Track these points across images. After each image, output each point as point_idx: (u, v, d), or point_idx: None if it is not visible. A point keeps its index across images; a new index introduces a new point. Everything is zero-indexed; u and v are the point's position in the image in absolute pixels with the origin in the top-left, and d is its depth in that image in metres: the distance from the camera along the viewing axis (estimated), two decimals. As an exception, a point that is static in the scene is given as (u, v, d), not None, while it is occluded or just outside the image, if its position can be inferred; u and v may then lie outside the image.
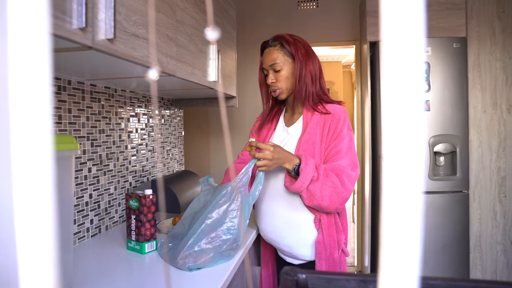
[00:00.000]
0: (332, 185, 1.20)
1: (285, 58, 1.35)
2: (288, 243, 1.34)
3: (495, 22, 2.35)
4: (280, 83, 1.36)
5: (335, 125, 1.29)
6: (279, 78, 1.36)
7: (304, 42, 1.37)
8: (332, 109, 1.33)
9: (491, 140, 2.39)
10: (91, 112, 1.49)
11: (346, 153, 1.26)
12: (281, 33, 1.39)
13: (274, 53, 1.36)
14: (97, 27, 0.85)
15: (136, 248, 1.30)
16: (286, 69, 1.35)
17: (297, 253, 1.34)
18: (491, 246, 2.40)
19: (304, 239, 1.32)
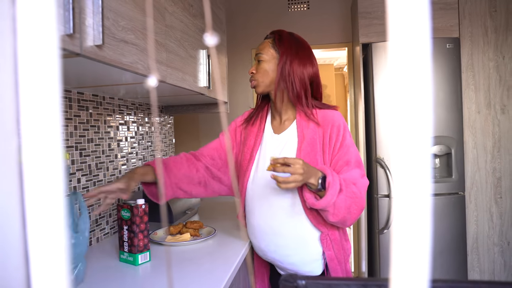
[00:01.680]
0: (353, 195, 1.15)
1: (271, 51, 1.29)
2: (293, 261, 1.28)
3: (488, 22, 2.35)
4: (258, 75, 1.31)
5: (336, 133, 1.24)
6: (259, 70, 1.31)
7: (301, 44, 1.31)
8: (329, 116, 1.27)
9: (486, 141, 2.38)
10: (79, 121, 1.45)
11: (355, 163, 1.22)
12: (282, 29, 1.35)
13: (264, 44, 1.32)
14: (85, 33, 0.83)
15: (129, 260, 1.28)
16: (268, 63, 1.29)
17: (303, 270, 1.28)
18: (488, 247, 2.39)
19: (311, 255, 1.27)
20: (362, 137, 2.51)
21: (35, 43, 0.22)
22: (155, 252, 1.38)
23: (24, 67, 0.22)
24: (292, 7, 3.01)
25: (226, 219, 1.87)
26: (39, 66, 0.22)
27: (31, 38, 0.22)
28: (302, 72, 1.26)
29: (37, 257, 0.22)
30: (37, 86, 0.22)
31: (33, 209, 0.22)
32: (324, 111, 1.28)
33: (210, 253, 1.37)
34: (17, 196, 0.27)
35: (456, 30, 2.35)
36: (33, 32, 0.22)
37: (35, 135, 0.22)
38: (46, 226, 0.22)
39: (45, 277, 0.22)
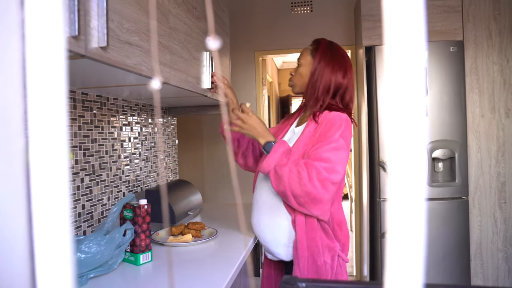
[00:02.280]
0: (298, 175, 1.20)
1: (309, 58, 1.42)
2: (268, 239, 1.38)
3: (492, 25, 2.34)
4: (295, 77, 1.47)
5: (326, 128, 1.28)
6: (296, 73, 1.46)
7: (338, 53, 1.39)
8: (331, 116, 1.31)
9: (490, 145, 2.37)
10: (83, 121, 1.46)
11: (326, 155, 1.23)
12: (325, 38, 1.45)
13: (304, 51, 1.45)
14: (89, 35, 0.83)
15: (131, 260, 1.29)
16: (304, 67, 1.42)
17: (273, 250, 1.38)
18: (492, 253, 2.37)
19: (279, 237, 1.34)
20: (365, 140, 2.50)
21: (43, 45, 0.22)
22: (156, 252, 1.39)
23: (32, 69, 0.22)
24: (295, 10, 3.01)
25: (228, 220, 1.87)
26: (46, 68, 0.22)
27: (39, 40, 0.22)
28: (330, 79, 1.36)
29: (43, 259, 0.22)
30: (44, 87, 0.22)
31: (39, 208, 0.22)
32: (332, 113, 1.32)
33: (211, 254, 1.37)
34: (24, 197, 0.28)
35: (460, 33, 2.34)
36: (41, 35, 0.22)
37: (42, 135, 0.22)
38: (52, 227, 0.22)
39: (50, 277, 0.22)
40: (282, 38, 3.03)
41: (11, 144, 0.26)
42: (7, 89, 0.26)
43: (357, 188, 3.01)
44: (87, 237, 1.15)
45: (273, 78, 5.20)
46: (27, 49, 0.22)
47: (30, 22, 0.22)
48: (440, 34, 2.34)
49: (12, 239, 0.28)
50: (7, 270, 0.29)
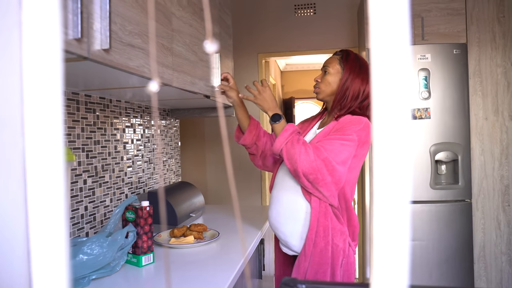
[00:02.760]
0: (306, 151, 1.28)
1: (337, 67, 1.47)
2: (284, 230, 1.43)
3: (496, 27, 2.34)
4: (321, 84, 1.49)
5: (344, 124, 1.36)
6: (323, 80, 1.49)
7: (364, 64, 1.47)
8: (352, 117, 1.39)
9: (494, 148, 2.35)
10: (86, 123, 1.47)
11: (335, 143, 1.31)
12: (350, 49, 1.52)
13: (333, 59, 1.50)
14: (92, 37, 0.84)
15: (133, 261, 1.29)
16: (333, 76, 1.47)
17: (291, 242, 1.43)
18: (495, 256, 2.36)
19: (299, 229, 1.40)
20: (368, 142, 2.49)
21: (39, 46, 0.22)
22: (159, 254, 1.39)
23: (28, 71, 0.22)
24: (299, 12, 3.02)
25: (229, 222, 1.87)
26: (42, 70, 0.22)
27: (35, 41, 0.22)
28: (359, 89, 1.43)
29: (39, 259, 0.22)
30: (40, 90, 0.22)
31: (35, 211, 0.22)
32: (354, 117, 1.39)
33: (213, 256, 1.37)
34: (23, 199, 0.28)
35: (463, 35, 2.34)
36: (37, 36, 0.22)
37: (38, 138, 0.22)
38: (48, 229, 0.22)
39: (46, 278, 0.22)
40: (285, 40, 3.04)
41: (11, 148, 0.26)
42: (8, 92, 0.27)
43: (359, 191, 3.00)
44: (90, 239, 1.15)
45: (276, 80, 5.20)
46: (23, 50, 0.22)
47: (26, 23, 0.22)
48: (443, 36, 2.33)
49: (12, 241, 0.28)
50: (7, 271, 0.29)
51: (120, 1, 0.96)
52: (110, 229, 1.26)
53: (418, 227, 2.24)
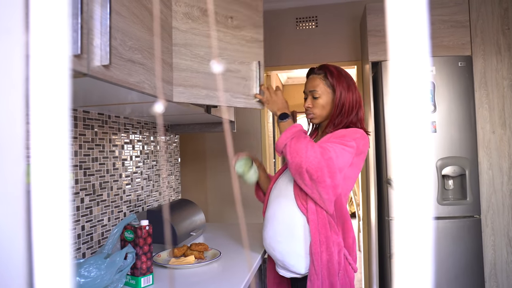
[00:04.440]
0: (312, 149, 1.26)
1: (325, 88, 1.44)
2: (281, 250, 1.37)
3: (500, 40, 2.32)
4: (315, 110, 1.46)
5: (341, 134, 1.35)
6: (315, 105, 1.45)
7: (347, 76, 1.46)
8: (348, 129, 1.39)
9: (502, 162, 2.31)
10: (84, 139, 1.44)
11: (336, 146, 1.30)
12: (327, 64, 1.49)
13: (316, 80, 1.46)
14: (92, 53, 0.83)
15: (132, 283, 1.25)
16: (324, 98, 1.44)
17: (289, 262, 1.36)
18: (507, 274, 2.29)
19: (296, 247, 1.35)
20: (372, 157, 2.45)
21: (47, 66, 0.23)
22: (158, 275, 1.35)
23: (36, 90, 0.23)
24: (301, 25, 3.01)
25: (231, 241, 1.82)
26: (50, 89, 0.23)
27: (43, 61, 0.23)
28: (352, 102, 1.42)
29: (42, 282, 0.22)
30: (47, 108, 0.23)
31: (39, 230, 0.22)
32: (346, 129, 1.39)
33: (215, 276, 1.34)
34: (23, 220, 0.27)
35: (468, 48, 2.31)
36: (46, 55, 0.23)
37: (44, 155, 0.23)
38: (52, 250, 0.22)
39: None
40: (287, 53, 3.02)
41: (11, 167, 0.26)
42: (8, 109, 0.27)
43: (364, 207, 2.94)
44: (87, 261, 1.11)
45: (277, 93, 5.19)
46: (30, 69, 0.23)
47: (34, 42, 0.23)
48: (447, 49, 2.31)
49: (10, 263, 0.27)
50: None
51: (120, 16, 0.96)
52: (108, 250, 1.22)
53: (426, 244, 2.18)
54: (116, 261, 1.15)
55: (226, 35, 1.48)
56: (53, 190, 0.23)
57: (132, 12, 1.02)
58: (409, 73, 0.21)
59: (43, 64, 0.23)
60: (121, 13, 0.96)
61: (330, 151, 1.26)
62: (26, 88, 0.26)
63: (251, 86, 1.55)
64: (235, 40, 1.51)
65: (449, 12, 2.31)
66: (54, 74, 0.23)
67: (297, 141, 1.28)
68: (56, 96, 0.23)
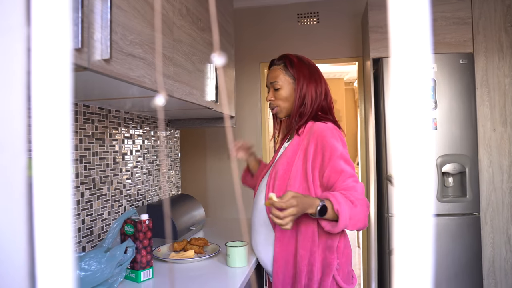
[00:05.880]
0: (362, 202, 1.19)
1: (285, 78, 1.37)
2: (263, 259, 1.37)
3: (503, 37, 2.30)
4: (278, 102, 1.39)
5: (322, 143, 1.25)
6: (277, 97, 1.39)
7: (310, 64, 1.40)
8: (318, 128, 1.29)
9: (502, 160, 2.30)
10: (84, 134, 1.44)
11: (348, 170, 1.23)
12: (288, 53, 1.41)
13: (276, 71, 1.39)
14: (93, 47, 0.83)
15: (131, 277, 1.26)
16: (286, 89, 1.37)
17: (270, 271, 1.36)
18: (506, 272, 2.29)
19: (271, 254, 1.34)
20: (373, 153, 2.45)
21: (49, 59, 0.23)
22: (158, 269, 1.36)
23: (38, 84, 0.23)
24: (302, 21, 3.00)
25: (231, 236, 1.82)
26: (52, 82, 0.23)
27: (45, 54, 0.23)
28: (316, 92, 1.35)
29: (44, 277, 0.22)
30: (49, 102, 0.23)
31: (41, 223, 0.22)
32: (316, 124, 1.31)
33: (214, 271, 1.34)
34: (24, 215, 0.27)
35: (470, 45, 2.30)
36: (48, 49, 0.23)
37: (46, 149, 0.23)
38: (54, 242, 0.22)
39: None
40: (288, 49, 3.00)
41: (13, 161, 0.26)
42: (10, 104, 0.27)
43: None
44: (87, 254, 1.11)
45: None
46: (32, 64, 0.23)
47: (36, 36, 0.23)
48: (449, 46, 2.30)
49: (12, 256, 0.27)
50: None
51: (121, 10, 0.96)
52: (108, 244, 1.22)
53: (425, 240, 2.18)
54: (116, 255, 1.15)
55: (197, 35, 1.54)
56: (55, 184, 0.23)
57: (133, 6, 1.02)
58: (411, 69, 0.21)
59: (45, 58, 0.22)
60: (122, 7, 0.96)
61: (356, 187, 1.21)
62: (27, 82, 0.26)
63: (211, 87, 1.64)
64: (202, 41, 1.58)
65: (451, 9, 2.30)
66: (56, 67, 0.22)
67: (353, 219, 1.16)
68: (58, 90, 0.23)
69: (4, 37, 0.27)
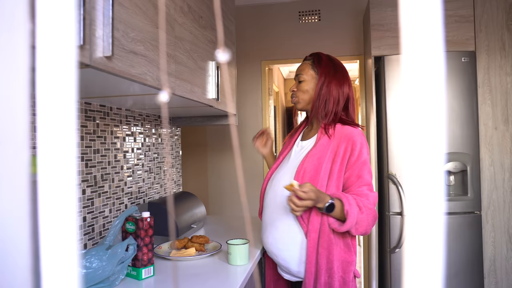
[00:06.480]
0: (369, 211, 1.27)
1: (310, 72, 1.44)
2: (284, 257, 1.36)
3: (505, 35, 2.29)
4: (298, 93, 1.46)
5: (351, 148, 1.32)
6: (299, 89, 1.46)
7: (338, 65, 1.44)
8: (348, 132, 1.35)
9: (504, 159, 2.30)
10: (85, 131, 1.44)
11: (366, 178, 1.32)
12: (321, 52, 1.49)
13: (304, 65, 1.47)
14: (94, 44, 0.83)
15: (133, 274, 1.26)
16: (308, 82, 1.43)
17: (293, 268, 1.36)
18: (507, 271, 2.29)
19: (299, 255, 1.34)
20: (374, 152, 2.44)
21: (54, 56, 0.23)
22: (159, 266, 1.36)
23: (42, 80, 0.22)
24: (303, 19, 2.99)
25: (232, 233, 1.82)
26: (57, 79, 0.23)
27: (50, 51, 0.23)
28: (338, 92, 1.39)
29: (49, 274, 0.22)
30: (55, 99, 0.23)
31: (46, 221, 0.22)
32: (346, 127, 1.37)
33: (215, 269, 1.34)
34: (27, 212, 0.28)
35: (472, 43, 2.30)
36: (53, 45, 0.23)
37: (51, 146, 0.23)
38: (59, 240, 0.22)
39: None
40: (289, 47, 3.01)
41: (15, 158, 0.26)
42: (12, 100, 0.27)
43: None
44: (89, 251, 1.11)
45: (279, 88, 5.18)
46: (37, 60, 0.23)
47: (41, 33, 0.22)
48: (451, 44, 2.29)
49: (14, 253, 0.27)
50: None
51: (123, 7, 0.96)
52: (109, 242, 1.22)
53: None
54: (118, 252, 1.15)
55: (198, 33, 1.54)
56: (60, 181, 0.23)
57: (135, 3, 1.01)
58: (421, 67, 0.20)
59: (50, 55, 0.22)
60: (124, 4, 0.96)
61: (369, 195, 1.29)
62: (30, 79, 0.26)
63: (213, 85, 1.65)
64: (203, 39, 1.59)
65: (453, 7, 2.29)
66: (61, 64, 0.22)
67: (358, 224, 1.25)
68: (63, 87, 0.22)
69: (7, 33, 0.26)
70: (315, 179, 1.32)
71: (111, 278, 1.15)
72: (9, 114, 0.27)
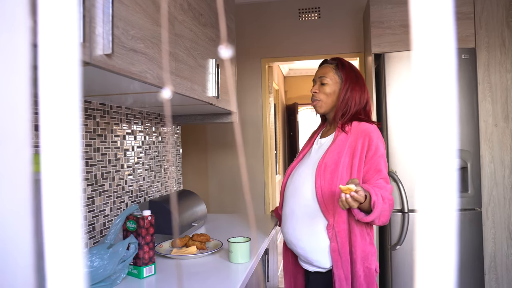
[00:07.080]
0: (390, 202, 1.32)
1: (334, 76, 1.47)
2: (303, 246, 1.41)
3: (505, 32, 2.29)
4: (321, 96, 1.48)
5: (368, 143, 1.37)
6: (322, 91, 1.48)
7: (358, 73, 1.50)
8: (365, 128, 1.40)
9: (504, 155, 2.30)
10: (85, 130, 1.43)
11: (384, 171, 1.37)
12: (341, 57, 1.53)
13: (327, 68, 1.49)
14: (94, 42, 0.82)
15: (134, 273, 1.26)
16: (331, 86, 1.47)
17: (311, 258, 1.40)
18: (507, 267, 2.30)
19: (319, 244, 1.38)
20: (374, 149, 2.44)
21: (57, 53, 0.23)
22: (160, 265, 1.36)
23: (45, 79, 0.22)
24: (303, 16, 2.98)
25: (233, 231, 1.82)
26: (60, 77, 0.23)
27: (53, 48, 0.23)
28: (360, 97, 1.45)
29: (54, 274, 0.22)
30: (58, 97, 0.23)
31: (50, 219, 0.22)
32: (362, 124, 1.42)
33: (216, 267, 1.34)
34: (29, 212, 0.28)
35: (472, 40, 2.29)
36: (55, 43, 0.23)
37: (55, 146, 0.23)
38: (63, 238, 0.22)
39: None
40: (289, 45, 3.00)
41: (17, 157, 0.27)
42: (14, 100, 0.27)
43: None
44: (90, 250, 1.11)
45: (279, 85, 5.18)
46: (40, 58, 0.22)
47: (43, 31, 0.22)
48: (451, 41, 2.29)
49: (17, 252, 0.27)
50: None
51: (123, 5, 0.95)
52: (110, 240, 1.22)
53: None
54: (119, 251, 1.15)
55: (199, 30, 1.54)
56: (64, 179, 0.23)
57: (135, 1, 1.01)
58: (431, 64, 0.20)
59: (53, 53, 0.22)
60: (124, 1, 0.95)
61: (387, 187, 1.33)
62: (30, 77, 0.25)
63: (213, 83, 1.64)
64: (203, 37, 1.58)
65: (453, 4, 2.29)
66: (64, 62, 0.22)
67: (381, 214, 1.28)
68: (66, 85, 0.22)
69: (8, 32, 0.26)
70: (335, 172, 1.36)
71: (113, 277, 1.15)
72: (10, 113, 0.27)
